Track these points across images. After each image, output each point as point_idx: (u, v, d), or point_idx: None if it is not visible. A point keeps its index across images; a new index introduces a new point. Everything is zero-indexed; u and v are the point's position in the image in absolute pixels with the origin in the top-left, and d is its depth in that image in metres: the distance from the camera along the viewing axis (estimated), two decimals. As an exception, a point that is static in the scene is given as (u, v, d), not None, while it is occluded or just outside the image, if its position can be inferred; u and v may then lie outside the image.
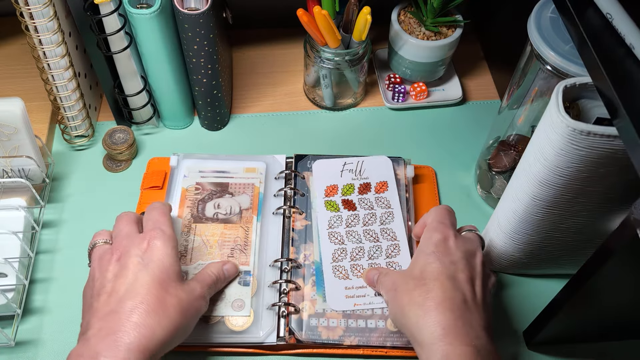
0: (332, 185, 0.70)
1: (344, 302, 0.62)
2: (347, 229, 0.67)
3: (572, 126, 0.47)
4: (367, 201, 0.68)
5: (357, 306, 0.62)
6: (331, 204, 0.68)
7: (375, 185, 0.69)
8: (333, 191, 0.70)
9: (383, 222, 0.67)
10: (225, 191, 0.70)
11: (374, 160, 0.72)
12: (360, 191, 0.69)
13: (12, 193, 0.69)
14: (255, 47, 0.89)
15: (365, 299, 0.63)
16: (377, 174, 0.70)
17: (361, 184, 0.70)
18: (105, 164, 0.76)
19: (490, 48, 0.88)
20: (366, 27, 0.71)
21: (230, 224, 0.67)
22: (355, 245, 0.66)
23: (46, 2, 0.63)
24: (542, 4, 0.58)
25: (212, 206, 0.69)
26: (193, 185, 0.70)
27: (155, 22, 0.66)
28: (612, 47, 0.45)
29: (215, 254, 0.65)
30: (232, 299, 0.63)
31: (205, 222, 0.67)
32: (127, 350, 0.49)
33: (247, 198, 0.69)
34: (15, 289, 0.62)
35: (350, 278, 0.64)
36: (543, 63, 0.57)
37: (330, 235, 0.66)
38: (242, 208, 0.69)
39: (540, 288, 0.67)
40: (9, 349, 0.62)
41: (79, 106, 0.74)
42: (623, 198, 0.53)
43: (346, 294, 0.63)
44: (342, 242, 0.66)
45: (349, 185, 0.70)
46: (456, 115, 0.83)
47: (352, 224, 0.67)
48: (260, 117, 0.82)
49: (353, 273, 0.64)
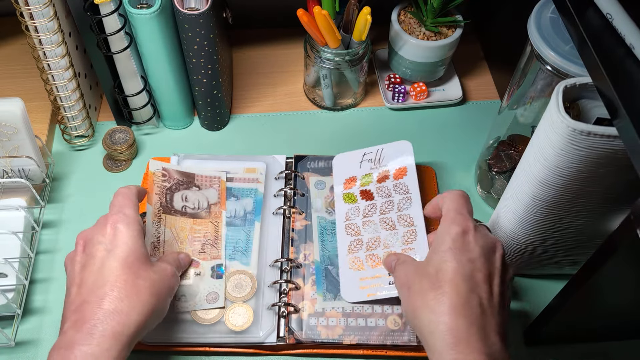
0: (350, 177, 0.69)
1: (358, 293, 0.62)
2: (364, 220, 0.66)
3: (572, 126, 0.47)
4: (385, 189, 0.67)
5: (370, 296, 0.61)
6: (349, 196, 0.68)
7: (394, 172, 0.68)
8: (351, 183, 0.69)
9: (400, 209, 0.65)
10: (192, 183, 0.69)
11: (394, 146, 0.70)
12: (379, 180, 0.68)
13: (12, 193, 0.69)
14: (255, 47, 0.89)
15: (378, 288, 0.61)
16: (396, 160, 0.69)
17: (380, 173, 0.68)
18: (105, 164, 0.76)
19: (490, 48, 0.88)
20: (366, 27, 0.71)
21: (200, 219, 0.67)
22: (372, 235, 0.65)
23: (46, 2, 0.63)
24: (542, 4, 0.58)
25: (180, 198, 0.68)
26: (160, 170, 0.69)
27: (155, 22, 0.66)
28: (612, 47, 0.45)
29: (186, 249, 0.65)
30: (206, 293, 0.63)
31: (174, 214, 0.67)
32: (102, 337, 0.49)
33: (214, 192, 0.69)
34: (15, 289, 0.62)
35: (364, 269, 0.63)
36: (543, 63, 0.57)
37: (347, 227, 0.66)
38: (210, 203, 0.69)
39: (540, 288, 0.67)
40: (9, 349, 0.62)
41: (79, 106, 0.74)
42: (623, 198, 0.53)
43: (360, 285, 0.62)
44: (359, 233, 0.65)
45: (368, 175, 0.69)
46: (456, 115, 0.83)
47: (369, 214, 0.66)
48: (260, 117, 0.82)
49: (368, 263, 0.63)
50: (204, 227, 0.67)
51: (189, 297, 0.62)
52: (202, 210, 0.68)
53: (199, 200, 0.68)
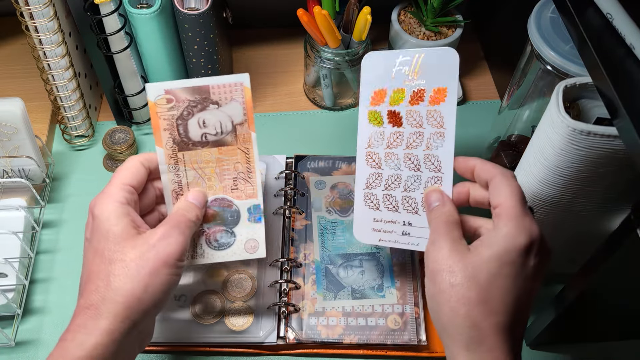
0: (380, 89, 0.56)
1: (370, 234, 0.57)
2: (387, 150, 0.56)
3: (572, 126, 0.47)
4: (417, 115, 0.55)
5: (382, 242, 0.56)
6: (375, 116, 0.57)
7: (432, 92, 0.55)
8: (380, 98, 0.56)
9: (429, 147, 0.55)
10: (208, 100, 0.54)
11: (438, 54, 0.55)
12: (412, 100, 0.56)
13: (12, 193, 0.69)
14: (255, 47, 0.89)
15: (391, 235, 0.56)
16: (437, 76, 0.55)
17: (414, 90, 0.55)
18: (106, 164, 0.77)
19: (490, 48, 0.88)
20: (366, 27, 0.71)
21: (225, 146, 0.55)
22: (393, 172, 0.56)
23: (46, 2, 0.63)
24: (542, 4, 0.58)
25: (196, 124, 0.54)
26: (162, 95, 0.53)
27: (155, 22, 0.66)
28: (612, 47, 0.45)
29: (216, 187, 0.55)
30: (245, 240, 0.56)
31: (193, 148, 0.54)
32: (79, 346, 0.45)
33: (237, 107, 0.55)
34: (15, 289, 0.62)
35: (380, 209, 0.56)
36: (543, 63, 0.57)
37: (368, 156, 0.57)
38: (235, 123, 0.55)
39: (541, 288, 0.67)
40: (9, 349, 0.62)
41: (79, 106, 0.74)
42: (623, 198, 0.53)
43: (373, 226, 0.56)
44: (379, 166, 0.57)
45: (400, 91, 0.56)
46: (456, 115, 0.83)
47: (394, 144, 0.56)
48: (260, 117, 0.82)
49: (384, 204, 0.56)
50: (232, 157, 0.55)
51: (225, 246, 0.55)
52: (226, 134, 0.55)
53: (220, 121, 0.54)
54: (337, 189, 0.71)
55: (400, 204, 0.56)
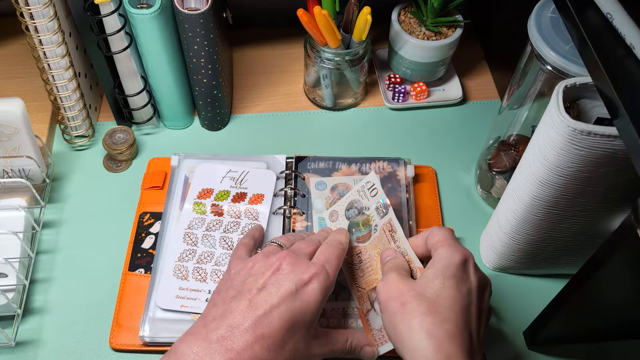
0: (208, 189, 0.70)
1: (173, 301, 0.62)
2: (205, 232, 0.67)
3: (572, 126, 0.47)
4: (237, 210, 0.68)
5: (184, 307, 0.62)
6: (199, 207, 0.69)
7: (252, 196, 0.69)
8: (207, 194, 0.69)
9: (243, 233, 0.67)
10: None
11: (260, 173, 0.71)
12: (234, 199, 0.69)
13: (13, 193, 0.69)
14: (255, 47, 0.89)
15: (195, 302, 0.62)
16: (257, 185, 0.70)
17: (237, 193, 0.70)
18: (106, 164, 0.77)
19: (490, 48, 0.88)
20: (366, 27, 0.71)
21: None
22: (207, 249, 0.66)
23: (46, 2, 0.63)
24: (542, 4, 0.58)
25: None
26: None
27: (156, 22, 0.66)
28: (612, 47, 0.45)
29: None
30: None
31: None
32: None
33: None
34: (15, 289, 0.62)
35: (188, 280, 0.64)
36: (543, 63, 0.57)
37: (186, 235, 0.67)
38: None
39: (540, 288, 0.67)
40: (9, 349, 0.62)
41: (79, 106, 0.74)
42: (623, 198, 0.53)
43: (178, 294, 0.63)
44: (195, 244, 0.66)
45: (225, 193, 0.70)
46: (456, 115, 0.83)
47: (213, 228, 0.67)
48: (260, 117, 0.82)
49: (193, 275, 0.64)
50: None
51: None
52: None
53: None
54: (337, 190, 0.71)
55: (209, 275, 0.64)
